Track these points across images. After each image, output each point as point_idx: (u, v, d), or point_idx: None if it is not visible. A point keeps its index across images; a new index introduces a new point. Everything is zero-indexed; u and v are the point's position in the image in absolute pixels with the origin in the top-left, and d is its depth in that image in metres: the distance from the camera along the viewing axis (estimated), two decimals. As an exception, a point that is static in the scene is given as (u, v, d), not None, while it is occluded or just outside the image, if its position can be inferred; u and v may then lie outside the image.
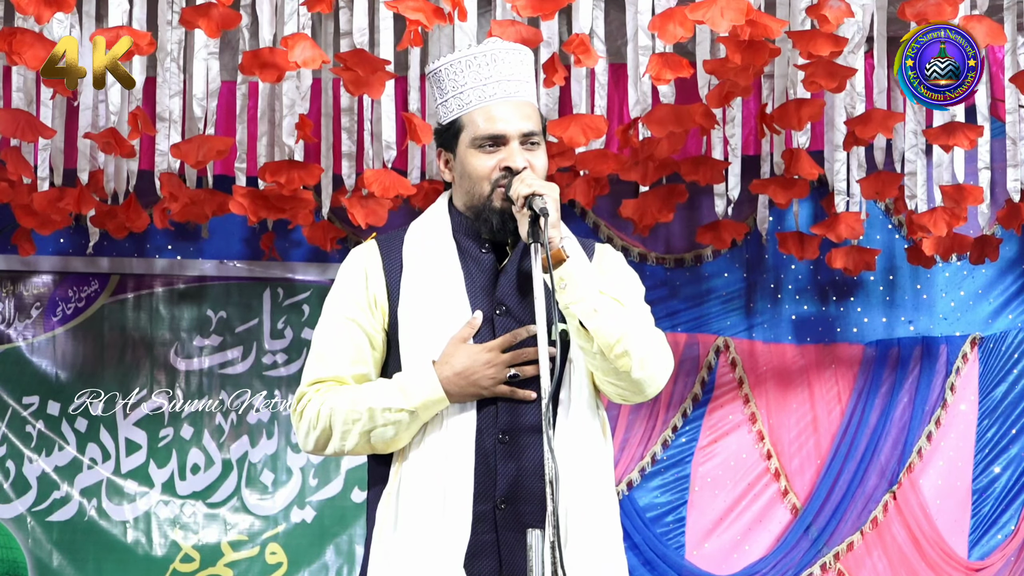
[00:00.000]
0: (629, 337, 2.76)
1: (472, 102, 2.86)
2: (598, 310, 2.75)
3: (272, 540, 5.75)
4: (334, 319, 2.90)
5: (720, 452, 5.90)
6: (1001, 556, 5.77)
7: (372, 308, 2.88)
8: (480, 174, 2.85)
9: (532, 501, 2.75)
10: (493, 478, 2.77)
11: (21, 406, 5.72)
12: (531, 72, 2.93)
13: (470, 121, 2.86)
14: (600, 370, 2.81)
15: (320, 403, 2.83)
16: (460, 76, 2.87)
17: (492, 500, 2.77)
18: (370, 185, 4.83)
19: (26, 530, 5.64)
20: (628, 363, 2.77)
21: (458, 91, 2.87)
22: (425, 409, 2.77)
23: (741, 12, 4.30)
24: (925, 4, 4.48)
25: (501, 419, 2.79)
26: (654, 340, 2.83)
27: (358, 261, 2.93)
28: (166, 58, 4.89)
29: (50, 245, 5.77)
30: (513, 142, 2.84)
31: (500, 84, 2.86)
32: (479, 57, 2.87)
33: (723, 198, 5.44)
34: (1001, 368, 5.90)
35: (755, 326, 5.99)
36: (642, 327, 2.82)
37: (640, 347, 2.78)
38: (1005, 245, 5.70)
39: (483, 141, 2.84)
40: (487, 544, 2.76)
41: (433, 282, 2.85)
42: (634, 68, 4.88)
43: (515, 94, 2.87)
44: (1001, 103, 5.21)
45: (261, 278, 5.88)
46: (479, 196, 2.86)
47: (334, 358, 2.87)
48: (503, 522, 2.77)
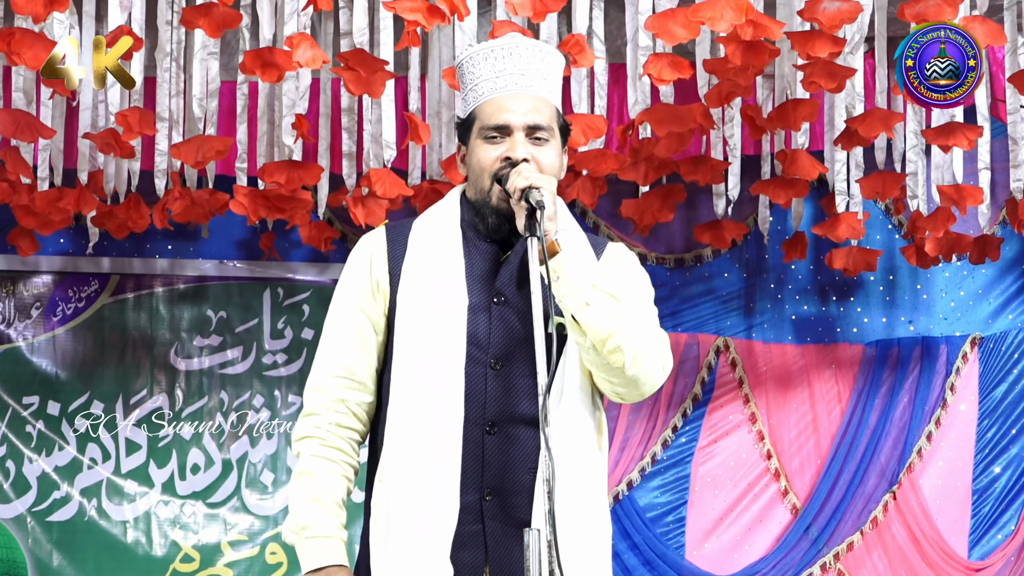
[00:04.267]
0: (621, 332, 2.73)
1: (484, 94, 2.85)
2: (590, 304, 2.72)
3: (272, 540, 5.75)
4: (341, 308, 2.92)
5: (720, 452, 5.90)
6: (1001, 556, 5.77)
7: (375, 294, 2.89)
8: (483, 165, 2.84)
9: (519, 493, 2.74)
10: (480, 469, 2.76)
11: (21, 406, 5.72)
12: (552, 71, 2.90)
13: (480, 113, 2.85)
14: (594, 365, 2.79)
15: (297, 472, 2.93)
16: (477, 68, 2.87)
17: (479, 491, 2.76)
18: (370, 185, 4.83)
19: (26, 530, 5.64)
20: (621, 359, 2.73)
21: (474, 83, 2.87)
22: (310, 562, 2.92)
23: (741, 12, 4.30)
24: (925, 4, 4.48)
25: (489, 409, 2.78)
26: (650, 338, 2.79)
27: (365, 248, 2.94)
28: (166, 58, 4.89)
29: (50, 245, 5.77)
30: (517, 133, 2.82)
31: (512, 77, 2.85)
32: (496, 50, 2.86)
33: (723, 198, 5.44)
34: (1001, 368, 5.90)
35: (755, 326, 5.99)
36: (638, 324, 2.78)
37: (633, 343, 2.74)
38: (1005, 245, 5.70)
39: (488, 131, 2.83)
40: (473, 535, 2.76)
41: (433, 268, 2.85)
42: (634, 68, 4.88)
43: (527, 87, 2.85)
44: (1001, 103, 5.21)
45: (261, 278, 5.88)
46: (481, 191, 2.85)
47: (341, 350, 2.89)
48: (489, 513, 2.76)
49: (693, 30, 4.40)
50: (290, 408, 5.83)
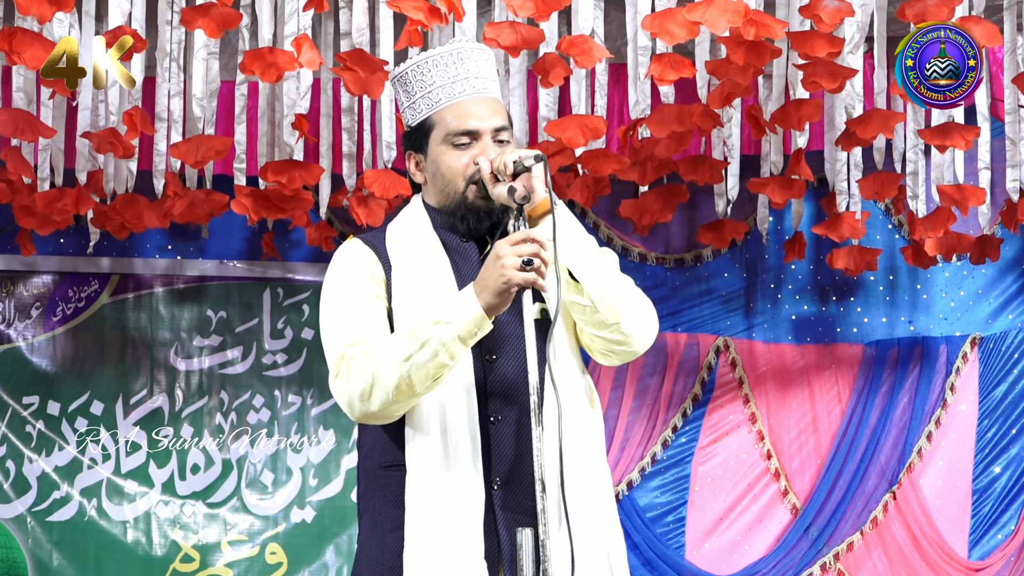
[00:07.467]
0: (619, 288, 2.82)
1: (442, 100, 2.89)
2: (588, 259, 2.80)
3: (272, 540, 5.76)
4: (350, 292, 2.88)
5: (720, 452, 5.90)
6: (1001, 556, 5.77)
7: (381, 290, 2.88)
8: (455, 170, 2.87)
9: (527, 481, 2.75)
10: (488, 459, 2.78)
11: (21, 406, 5.72)
12: (495, 71, 2.97)
13: (441, 119, 2.88)
14: (590, 323, 2.83)
15: (365, 353, 2.78)
16: (428, 76, 2.89)
17: (487, 480, 2.78)
18: (370, 185, 4.83)
19: (26, 530, 5.65)
20: (619, 313, 2.81)
21: (426, 91, 2.90)
22: (461, 319, 2.70)
23: (739, 13, 4.30)
24: (925, 4, 4.48)
25: (492, 400, 2.81)
26: (639, 294, 2.88)
27: (354, 253, 2.94)
28: (166, 58, 4.89)
29: (50, 245, 5.77)
30: (485, 137, 2.87)
31: (469, 81, 2.89)
32: (445, 56, 2.90)
33: (723, 198, 5.44)
34: (1001, 368, 5.90)
35: (755, 326, 5.99)
36: (627, 280, 2.87)
37: (629, 298, 2.83)
38: (1005, 245, 5.70)
39: (456, 138, 2.87)
40: (486, 525, 2.77)
41: (423, 276, 2.87)
42: (634, 68, 4.88)
43: (483, 90, 2.90)
44: (1001, 103, 5.21)
45: (261, 278, 5.88)
46: (454, 193, 2.88)
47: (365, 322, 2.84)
48: (500, 502, 2.79)
49: (692, 30, 4.41)
50: (290, 408, 5.83)
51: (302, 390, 5.83)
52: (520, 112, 4.98)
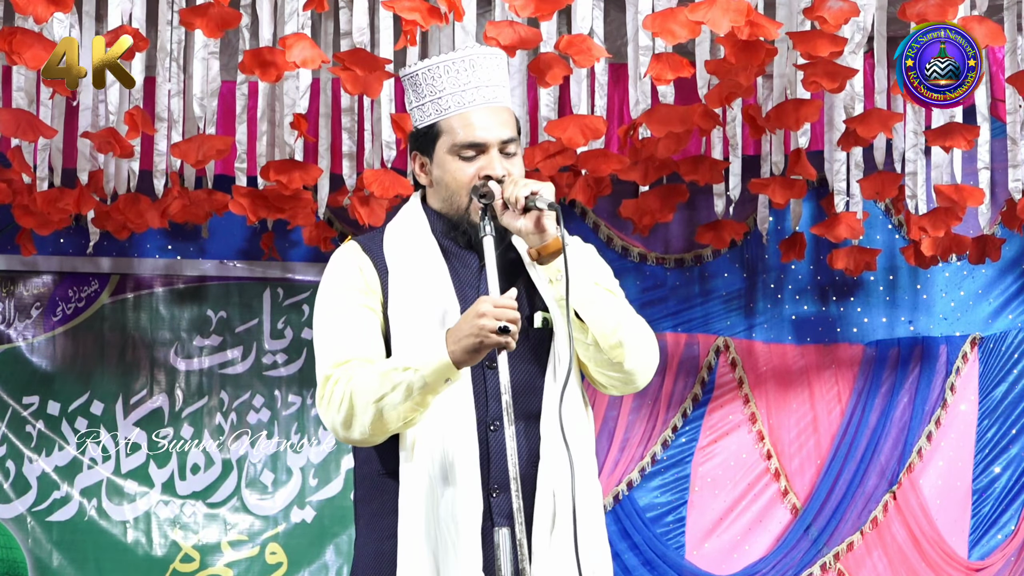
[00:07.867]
0: (623, 328, 2.81)
1: (451, 108, 2.86)
2: (594, 301, 2.79)
3: (272, 540, 5.76)
4: (342, 306, 2.88)
5: (720, 452, 5.90)
6: (1001, 556, 5.77)
7: (372, 295, 2.88)
8: (460, 183, 2.85)
9: (527, 489, 2.74)
10: (487, 466, 2.78)
11: (21, 406, 5.72)
12: (507, 76, 2.94)
13: (448, 128, 2.86)
14: (593, 361, 2.84)
15: (347, 380, 2.78)
16: (438, 81, 2.87)
17: (485, 488, 2.78)
18: (370, 185, 4.83)
19: (26, 530, 5.64)
20: (622, 353, 2.81)
21: (436, 96, 2.87)
22: (429, 368, 2.70)
23: (741, 13, 4.30)
24: (925, 4, 4.48)
25: (491, 407, 2.80)
26: (644, 331, 2.87)
27: (348, 258, 2.93)
28: (166, 58, 4.89)
29: (50, 245, 5.77)
30: (492, 150, 2.85)
31: (479, 90, 2.87)
32: (457, 63, 2.87)
33: (723, 198, 5.44)
34: (1001, 368, 5.90)
35: (755, 326, 5.99)
36: (633, 318, 2.86)
37: (633, 337, 2.82)
38: (1005, 245, 5.70)
39: (463, 150, 2.85)
40: (483, 534, 2.76)
41: (421, 282, 2.85)
42: (634, 68, 4.88)
43: (493, 100, 2.88)
44: (1001, 103, 5.21)
45: (261, 278, 5.88)
46: (457, 207, 2.87)
47: (354, 339, 2.84)
48: (499, 511, 2.78)
49: (693, 30, 4.40)
50: (290, 408, 5.83)
51: (302, 390, 5.83)
52: (520, 112, 4.98)
